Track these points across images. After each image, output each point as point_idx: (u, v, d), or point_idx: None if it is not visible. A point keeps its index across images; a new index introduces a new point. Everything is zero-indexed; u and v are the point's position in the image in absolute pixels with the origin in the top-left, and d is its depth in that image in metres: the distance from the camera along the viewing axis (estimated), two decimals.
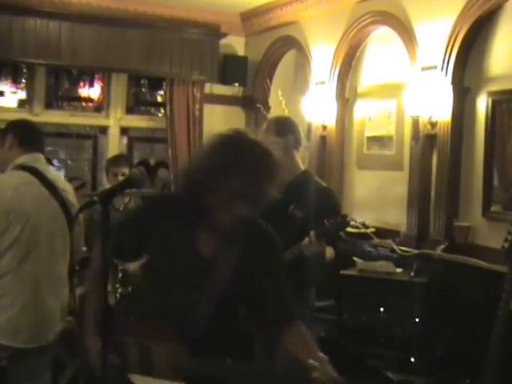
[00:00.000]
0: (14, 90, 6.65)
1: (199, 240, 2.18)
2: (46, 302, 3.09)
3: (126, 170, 4.77)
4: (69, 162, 7.11)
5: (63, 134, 6.98)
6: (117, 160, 5.03)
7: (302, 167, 3.57)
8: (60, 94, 6.88)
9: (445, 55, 4.61)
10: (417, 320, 4.33)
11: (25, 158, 3.11)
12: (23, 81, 6.70)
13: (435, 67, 4.68)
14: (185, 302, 2.13)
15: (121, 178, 4.65)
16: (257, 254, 2.19)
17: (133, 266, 4.89)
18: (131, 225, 2.35)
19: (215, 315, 2.15)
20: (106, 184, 5.80)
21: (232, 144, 2.10)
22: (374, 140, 5.63)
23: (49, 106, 6.74)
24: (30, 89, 6.64)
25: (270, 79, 7.07)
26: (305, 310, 3.31)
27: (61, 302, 3.20)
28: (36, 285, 3.05)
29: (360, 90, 5.84)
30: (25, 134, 3.16)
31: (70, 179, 6.85)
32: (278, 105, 6.41)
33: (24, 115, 6.49)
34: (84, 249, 3.47)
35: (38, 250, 3.04)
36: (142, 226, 2.27)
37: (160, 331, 2.13)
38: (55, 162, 6.96)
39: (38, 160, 3.15)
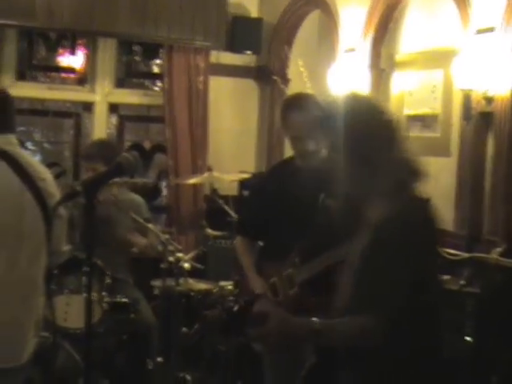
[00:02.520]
0: None
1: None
2: (15, 314, 3.05)
3: (100, 167, 4.56)
4: (46, 145, 7.08)
5: (39, 111, 6.96)
6: (88, 152, 4.80)
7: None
8: (35, 62, 6.87)
9: (505, 14, 4.52)
10: (468, 339, 4.28)
11: None
12: None
13: (492, 29, 4.62)
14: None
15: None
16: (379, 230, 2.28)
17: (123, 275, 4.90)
18: None
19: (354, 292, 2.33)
20: None
21: None
22: (414, 119, 5.62)
23: (21, 76, 6.72)
24: None
25: (289, 46, 7.04)
26: None
27: (35, 313, 3.15)
28: (2, 293, 3.00)
29: (398, 58, 5.82)
30: None
31: (47, 165, 6.86)
32: (298, 77, 6.39)
33: None
34: (66, 248, 3.42)
35: (5, 250, 3.00)
36: None
37: None
38: (29, 144, 6.95)
39: (9, 142, 3.11)
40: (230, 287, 5.26)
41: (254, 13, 7.23)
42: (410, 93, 5.65)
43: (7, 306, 3.03)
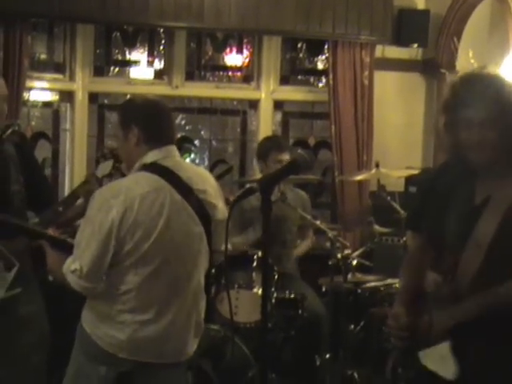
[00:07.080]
0: (150, 59, 6.90)
1: (477, 190, 2.75)
2: (174, 322, 3.12)
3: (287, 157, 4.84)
4: (213, 142, 7.25)
5: (207, 109, 7.12)
6: (280, 143, 5.07)
7: None
8: (203, 62, 7.03)
9: None
10: None
11: (154, 155, 3.08)
12: (161, 48, 6.93)
13: None
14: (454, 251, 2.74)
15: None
16: None
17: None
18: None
19: (483, 271, 2.61)
20: (257, 173, 5.89)
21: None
22: None
23: (190, 76, 6.91)
24: (168, 57, 6.87)
25: (458, 37, 6.84)
26: None
27: (195, 319, 3.22)
28: (163, 305, 3.08)
29: None
30: (153, 126, 3.11)
31: (215, 163, 7.07)
32: (467, 69, 6.18)
33: (161, 88, 6.77)
34: (223, 248, 3.51)
35: (168, 267, 3.06)
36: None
37: None
38: (197, 142, 7.16)
39: (169, 155, 3.13)
40: (397, 285, 5.22)
41: (420, 5, 7.10)
42: None
43: (170, 315, 3.10)
